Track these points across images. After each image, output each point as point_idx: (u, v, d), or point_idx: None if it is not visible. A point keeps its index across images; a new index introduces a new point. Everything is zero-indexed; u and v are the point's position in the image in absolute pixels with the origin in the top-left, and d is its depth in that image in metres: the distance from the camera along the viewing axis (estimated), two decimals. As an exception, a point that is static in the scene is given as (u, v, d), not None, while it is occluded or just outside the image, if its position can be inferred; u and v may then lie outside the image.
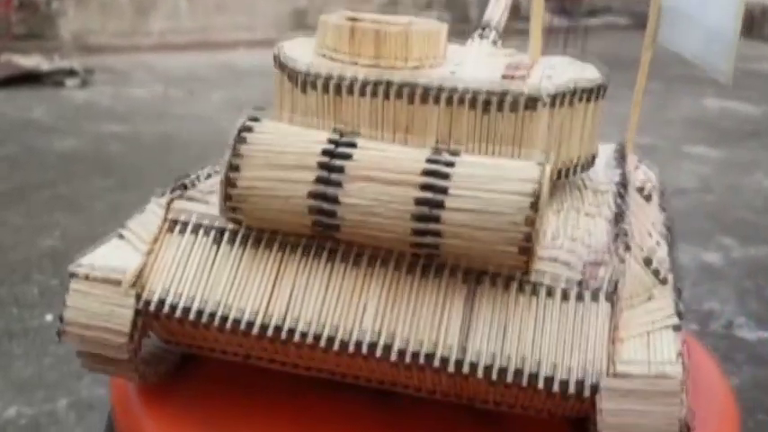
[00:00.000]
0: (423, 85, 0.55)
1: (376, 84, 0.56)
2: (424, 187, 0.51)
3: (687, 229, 2.40)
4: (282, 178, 0.52)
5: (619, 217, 0.58)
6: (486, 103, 0.55)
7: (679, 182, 2.84)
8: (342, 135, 0.54)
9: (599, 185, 0.63)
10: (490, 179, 0.51)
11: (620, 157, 0.67)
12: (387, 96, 0.56)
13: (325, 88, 0.57)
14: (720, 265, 2.17)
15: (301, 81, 0.57)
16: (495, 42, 0.69)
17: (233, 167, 0.53)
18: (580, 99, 0.57)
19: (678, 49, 0.63)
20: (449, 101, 0.55)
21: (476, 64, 0.61)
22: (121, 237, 0.58)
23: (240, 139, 0.53)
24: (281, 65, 0.60)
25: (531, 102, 0.54)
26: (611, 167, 0.65)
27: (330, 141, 0.53)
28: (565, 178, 0.60)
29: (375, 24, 0.58)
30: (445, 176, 0.51)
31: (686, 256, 2.20)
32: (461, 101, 0.55)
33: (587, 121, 0.59)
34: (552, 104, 0.55)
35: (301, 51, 0.60)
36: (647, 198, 0.65)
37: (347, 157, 0.52)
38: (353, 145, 0.53)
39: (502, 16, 0.71)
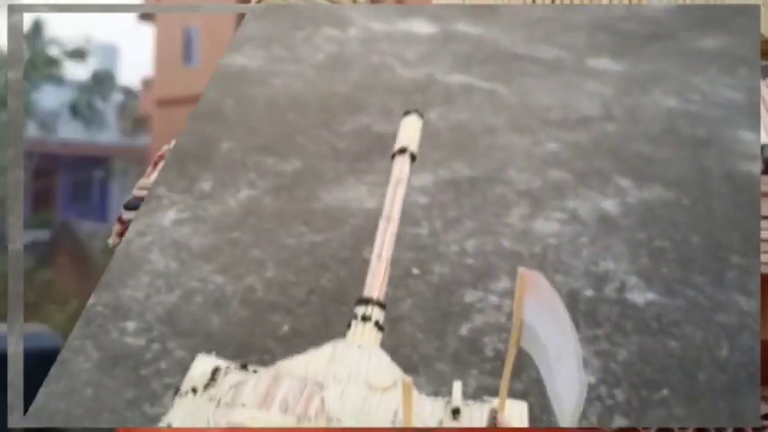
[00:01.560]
0: None
1: None
2: None
3: (589, 171, 2.52)
4: None
5: None
6: None
7: (583, 109, 2.93)
8: None
9: None
10: None
11: None
12: None
13: None
14: (616, 213, 2.31)
15: None
16: (377, 324, 0.74)
17: None
18: None
19: (538, 364, 0.69)
20: None
21: None
22: None
23: None
24: None
25: None
26: None
27: None
28: None
29: None
30: None
31: (586, 206, 2.33)
32: None
33: None
34: None
35: None
36: None
37: None
38: None
39: (381, 287, 0.76)
